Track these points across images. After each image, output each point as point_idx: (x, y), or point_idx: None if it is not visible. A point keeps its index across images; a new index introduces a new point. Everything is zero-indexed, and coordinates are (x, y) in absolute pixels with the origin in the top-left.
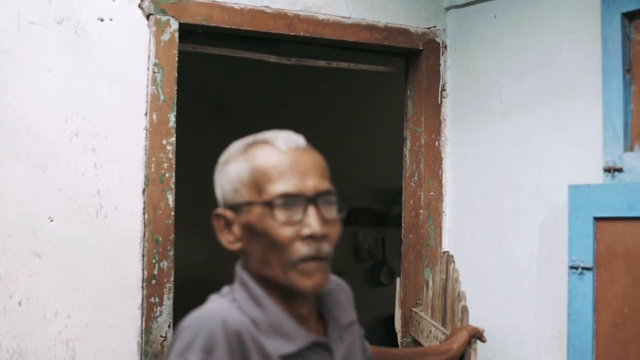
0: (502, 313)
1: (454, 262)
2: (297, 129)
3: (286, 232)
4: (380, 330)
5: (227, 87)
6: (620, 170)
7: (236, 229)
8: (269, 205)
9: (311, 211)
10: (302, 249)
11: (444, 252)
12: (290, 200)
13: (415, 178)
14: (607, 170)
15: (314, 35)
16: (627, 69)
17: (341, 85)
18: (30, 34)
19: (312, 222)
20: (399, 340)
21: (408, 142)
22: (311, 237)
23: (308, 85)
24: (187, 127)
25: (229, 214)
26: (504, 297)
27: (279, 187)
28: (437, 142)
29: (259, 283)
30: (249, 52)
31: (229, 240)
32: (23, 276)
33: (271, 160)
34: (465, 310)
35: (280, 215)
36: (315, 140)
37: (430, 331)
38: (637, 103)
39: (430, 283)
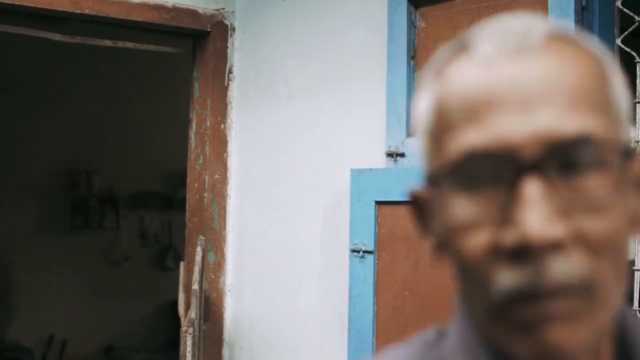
0: (286, 295)
1: (200, 244)
2: (87, 110)
3: (474, 239)
4: (167, 315)
5: (12, 66)
6: (402, 155)
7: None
8: (441, 179)
9: (531, 189)
10: (505, 277)
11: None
12: (484, 166)
13: (200, 161)
14: (390, 155)
15: (99, 13)
16: (412, 56)
17: (131, 66)
18: None
19: (527, 214)
20: (183, 325)
21: (194, 124)
22: (525, 250)
23: (94, 66)
24: None
25: (423, 192)
26: (288, 279)
27: (460, 140)
28: (222, 125)
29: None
30: (31, 30)
31: (429, 242)
32: None
33: (457, 84)
34: (193, 294)
35: (462, 201)
36: (101, 122)
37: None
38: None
39: None
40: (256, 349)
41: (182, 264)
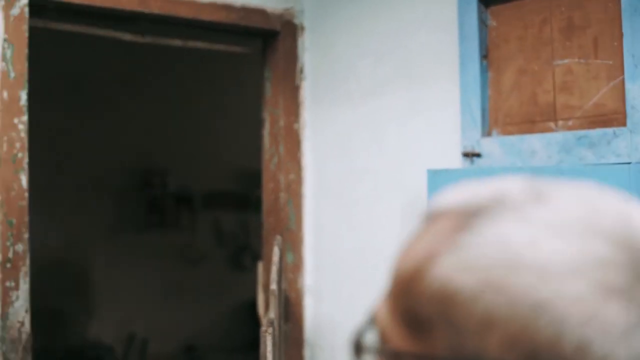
0: (365, 297)
1: (277, 244)
2: (157, 110)
3: None
4: (245, 314)
5: (85, 65)
6: (478, 155)
7: None
8: None
9: None
10: None
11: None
12: None
13: (275, 161)
14: (466, 155)
15: (169, 13)
16: (484, 55)
17: (202, 65)
18: None
19: None
20: (262, 325)
21: (267, 124)
22: None
23: (168, 65)
24: (42, 106)
25: None
26: (366, 281)
27: None
28: (296, 125)
29: None
30: (102, 30)
31: None
32: None
33: None
34: (272, 294)
35: None
36: (176, 122)
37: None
38: (493, 89)
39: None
40: (337, 350)
41: (259, 264)
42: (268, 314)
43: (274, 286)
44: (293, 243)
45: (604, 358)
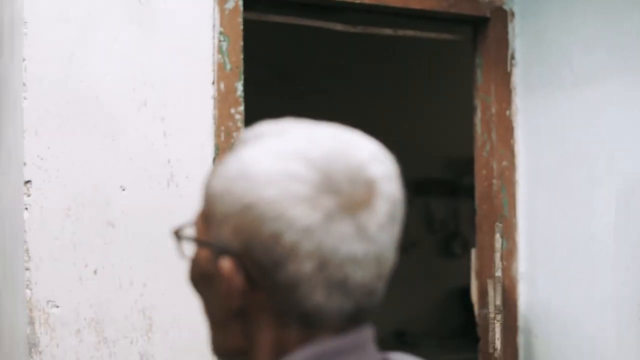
0: (580, 285)
1: (499, 231)
2: (365, 98)
3: None
4: (455, 302)
5: (295, 55)
6: None
7: None
8: None
9: None
10: None
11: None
12: None
13: (487, 148)
14: None
15: (379, 3)
16: None
17: (409, 53)
18: (95, 3)
19: None
20: (476, 312)
21: (478, 111)
22: None
23: (375, 54)
24: (254, 96)
25: None
26: (580, 269)
27: None
28: (507, 112)
29: None
30: (314, 20)
31: None
32: (97, 245)
33: None
34: (498, 281)
35: None
36: (384, 111)
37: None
38: None
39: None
40: (552, 338)
41: (473, 251)
42: (494, 301)
43: (499, 273)
44: (507, 230)
45: (292, 246)
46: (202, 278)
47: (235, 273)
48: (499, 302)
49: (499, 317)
